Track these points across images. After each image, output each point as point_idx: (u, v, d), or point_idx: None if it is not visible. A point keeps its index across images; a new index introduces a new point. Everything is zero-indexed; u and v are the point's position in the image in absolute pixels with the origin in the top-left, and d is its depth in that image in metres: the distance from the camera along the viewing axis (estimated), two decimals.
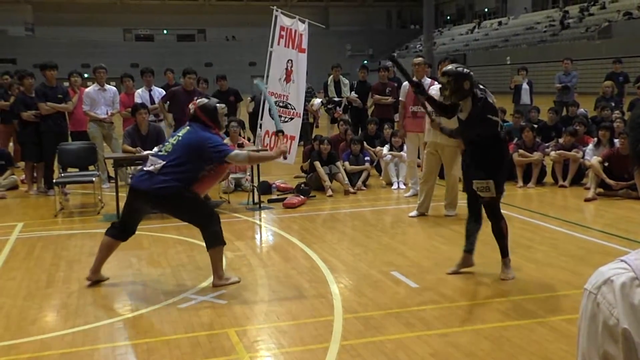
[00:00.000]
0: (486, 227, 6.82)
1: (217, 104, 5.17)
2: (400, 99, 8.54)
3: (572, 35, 38.42)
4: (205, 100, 5.22)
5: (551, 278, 5.03)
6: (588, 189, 8.34)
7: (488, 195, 4.98)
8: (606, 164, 8.24)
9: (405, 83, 8.55)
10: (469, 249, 5.24)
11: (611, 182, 8.13)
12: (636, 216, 7.21)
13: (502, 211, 5.21)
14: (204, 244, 6.23)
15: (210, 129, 5.08)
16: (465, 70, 4.96)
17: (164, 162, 4.91)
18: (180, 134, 5.10)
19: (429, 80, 8.26)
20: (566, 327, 4.01)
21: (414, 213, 7.47)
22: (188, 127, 5.11)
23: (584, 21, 39.27)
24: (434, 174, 7.53)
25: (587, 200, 8.02)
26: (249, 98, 12.41)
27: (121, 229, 5.16)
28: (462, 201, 5.97)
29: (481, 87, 4.99)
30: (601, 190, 8.23)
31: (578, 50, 33.36)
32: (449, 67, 5.03)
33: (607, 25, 35.95)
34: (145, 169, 5.01)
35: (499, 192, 5.02)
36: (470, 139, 5.08)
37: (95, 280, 5.15)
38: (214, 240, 4.99)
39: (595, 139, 9.03)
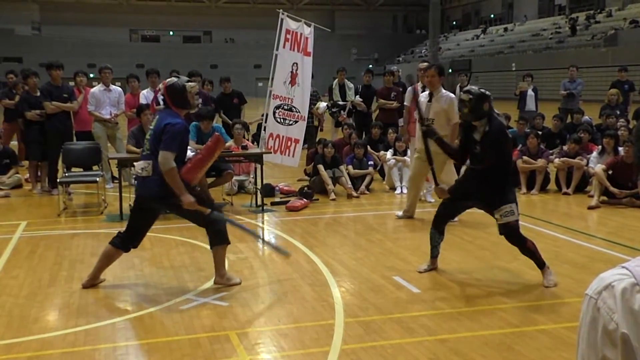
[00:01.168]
0: (484, 233, 6.83)
1: (187, 82, 4.90)
2: (405, 103, 8.55)
3: (578, 42, 38.39)
4: (174, 79, 4.94)
5: (553, 285, 5.02)
6: (592, 196, 8.32)
7: (513, 219, 4.98)
8: (610, 172, 8.22)
9: (410, 88, 8.58)
10: (435, 255, 5.46)
11: (615, 190, 8.11)
12: (639, 224, 7.20)
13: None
14: (206, 246, 6.24)
15: (178, 113, 4.85)
16: (487, 92, 5.06)
17: (151, 162, 4.81)
18: (151, 126, 4.93)
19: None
20: (568, 335, 4.00)
21: (400, 213, 7.52)
22: (157, 116, 4.93)
23: (590, 29, 39.24)
24: (421, 179, 7.53)
25: (590, 208, 8.01)
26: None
27: (125, 239, 5.04)
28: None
29: (497, 112, 5.14)
30: (605, 198, 8.21)
31: (584, 57, 33.33)
32: (472, 87, 5.14)
33: (614, 33, 35.92)
34: (138, 175, 4.92)
35: (518, 217, 5.07)
36: (483, 162, 5.05)
37: (91, 286, 5.07)
38: (218, 239, 4.96)
39: (600, 146, 9.02)
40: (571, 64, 14.90)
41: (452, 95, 7.24)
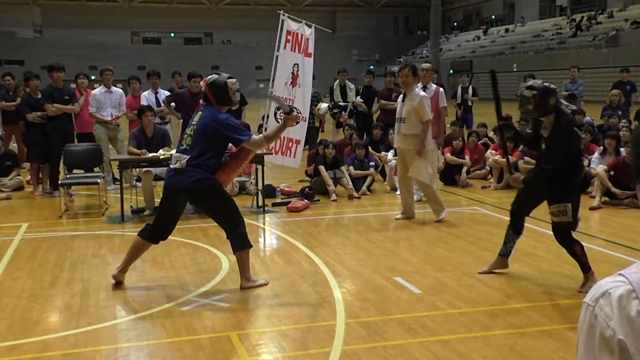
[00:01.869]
0: (486, 234, 6.81)
1: (228, 79, 4.97)
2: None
3: (579, 43, 38.36)
4: (215, 76, 5.02)
5: (556, 286, 5.02)
6: (593, 197, 8.31)
7: (565, 220, 4.82)
8: (612, 173, 8.21)
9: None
10: (504, 254, 5.27)
11: (617, 191, 8.10)
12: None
13: (508, 219, 5.24)
14: (207, 247, 6.26)
15: (220, 108, 4.93)
16: (551, 86, 4.87)
17: (188, 157, 4.84)
18: (194, 121, 4.97)
19: (435, 86, 8.29)
20: (569, 336, 3.99)
21: (399, 215, 7.53)
22: (201, 112, 4.99)
23: (591, 29, 39.21)
24: (408, 179, 7.52)
25: (592, 208, 7.99)
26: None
27: (153, 231, 5.08)
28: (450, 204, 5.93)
29: (565, 103, 4.95)
30: (607, 199, 8.20)
31: (585, 58, 33.31)
32: (534, 81, 4.96)
33: (615, 34, 35.89)
34: (172, 166, 4.97)
35: (575, 217, 4.87)
36: (550, 160, 4.88)
37: (118, 280, 5.10)
38: (241, 243, 4.97)
39: (602, 147, 9.00)
40: (572, 64, 14.91)
41: (422, 93, 7.30)
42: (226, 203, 5.00)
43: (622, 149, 8.62)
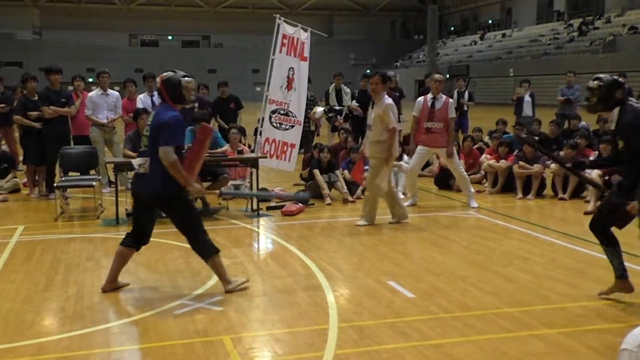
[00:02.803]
0: (480, 238, 6.83)
1: (183, 77, 4.90)
2: (413, 114, 8.63)
3: (576, 48, 38.49)
4: (171, 73, 4.96)
5: (549, 290, 5.03)
6: (588, 202, 8.34)
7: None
8: (606, 178, 8.23)
9: (421, 98, 8.66)
10: (619, 274, 4.76)
11: None
12: (635, 229, 7.19)
13: (503, 223, 5.20)
14: None
15: (174, 106, 4.88)
16: (621, 79, 4.59)
17: (149, 159, 4.85)
18: (149, 121, 4.96)
19: (444, 97, 8.41)
20: (563, 340, 4.01)
21: (392, 220, 7.59)
22: (154, 112, 4.98)
23: (588, 34, 39.35)
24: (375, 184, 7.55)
25: (587, 213, 8.01)
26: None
27: (133, 237, 5.07)
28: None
29: (635, 101, 4.63)
30: None
31: (582, 63, 33.40)
32: (603, 74, 4.66)
33: (612, 39, 36.03)
34: (136, 172, 4.94)
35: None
36: (628, 154, 4.53)
37: (112, 289, 5.08)
38: (208, 250, 4.97)
39: (597, 152, 9.03)
40: (569, 69, 14.94)
41: (388, 100, 7.35)
42: (188, 211, 4.96)
43: None
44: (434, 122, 8.39)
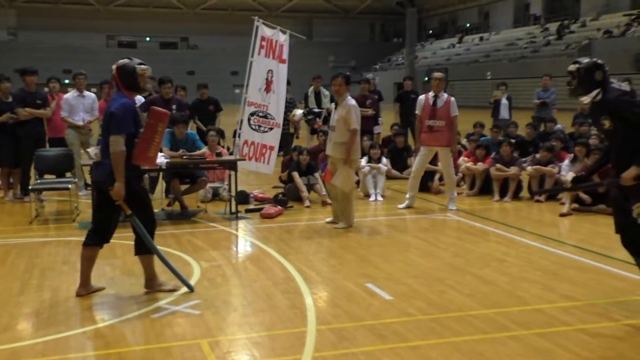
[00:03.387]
0: (457, 240, 6.88)
1: (138, 65, 4.88)
2: (416, 112, 8.67)
3: (552, 52, 38.97)
4: (126, 60, 4.93)
5: (525, 292, 5.08)
6: (563, 204, 8.44)
7: None
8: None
9: (422, 96, 8.69)
10: None
11: (585, 197, 8.23)
12: (610, 232, 7.27)
13: (480, 225, 5.19)
14: (179, 254, 6.23)
15: (128, 94, 4.88)
16: (600, 61, 4.42)
17: (101, 147, 4.85)
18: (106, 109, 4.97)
19: (446, 95, 8.44)
20: (538, 342, 4.05)
21: (329, 219, 7.67)
22: (114, 96, 4.94)
23: (564, 38, 39.88)
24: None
25: (562, 215, 8.12)
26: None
27: (94, 234, 5.00)
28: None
29: (618, 83, 4.41)
30: (576, 205, 8.34)
31: (558, 66, 33.75)
32: (582, 58, 4.50)
33: (587, 43, 36.53)
34: (93, 153, 4.94)
35: None
36: (618, 148, 4.31)
37: (87, 293, 4.99)
38: (142, 248, 4.97)
39: (572, 154, 9.15)
40: (545, 73, 15.12)
41: (351, 102, 7.41)
42: (138, 203, 4.89)
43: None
44: (435, 120, 8.42)
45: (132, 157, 4.84)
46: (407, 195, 8.71)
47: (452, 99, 8.54)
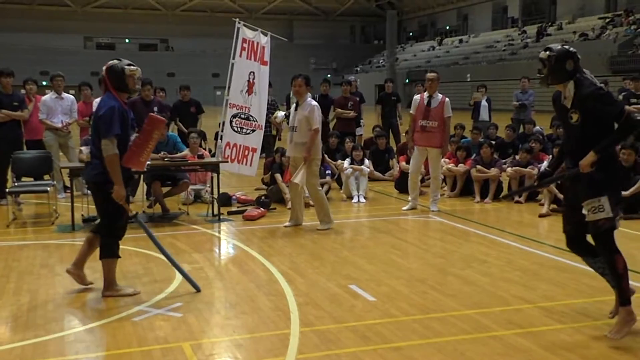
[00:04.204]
0: (439, 241, 6.91)
1: (127, 66, 4.91)
2: (410, 112, 8.69)
3: (530, 54, 39.42)
4: (115, 61, 4.98)
5: (505, 292, 5.12)
6: (542, 204, 8.53)
7: (603, 216, 4.01)
8: (559, 182, 8.43)
9: (417, 96, 8.71)
10: (614, 285, 4.21)
11: (563, 197, 8.32)
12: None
13: (461, 226, 5.22)
14: (160, 256, 6.17)
15: (117, 97, 4.89)
16: (572, 49, 4.25)
17: (90, 147, 4.91)
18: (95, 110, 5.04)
19: (441, 96, 8.46)
20: (519, 342, 4.09)
21: (288, 223, 7.66)
22: (103, 98, 4.99)
23: (541, 41, 40.37)
24: (297, 186, 7.58)
25: (541, 215, 8.21)
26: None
27: (98, 226, 5.19)
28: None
29: (590, 76, 4.26)
30: (555, 206, 8.42)
31: (536, 69, 34.15)
32: (555, 44, 4.33)
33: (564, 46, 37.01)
34: (86, 152, 5.08)
35: (615, 215, 4.06)
36: (579, 139, 4.15)
37: (77, 275, 5.12)
38: (105, 251, 4.99)
39: (550, 156, 9.25)
40: (523, 75, 15.28)
41: (313, 102, 7.50)
42: (112, 207, 4.89)
43: None
44: (429, 120, 8.43)
45: (123, 160, 4.88)
46: (410, 197, 8.74)
47: (447, 100, 8.53)
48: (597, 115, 4.08)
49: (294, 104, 7.59)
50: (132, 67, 4.93)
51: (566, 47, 4.27)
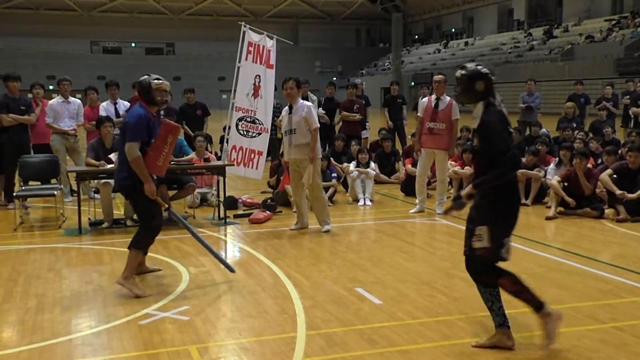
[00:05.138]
0: (445, 244, 6.90)
1: (154, 80, 5.23)
2: (418, 114, 8.69)
3: (536, 56, 39.35)
4: (145, 76, 5.31)
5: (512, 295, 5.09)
6: (549, 207, 8.50)
7: (479, 245, 3.98)
8: (565, 184, 8.41)
9: (425, 99, 8.71)
10: (497, 323, 4.05)
11: (569, 200, 8.30)
12: (595, 234, 7.38)
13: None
14: (167, 259, 6.21)
15: (148, 107, 5.25)
16: (484, 70, 4.20)
17: (118, 153, 5.36)
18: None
19: (448, 98, 8.46)
20: (525, 344, 4.07)
21: (294, 226, 7.68)
22: (132, 110, 5.41)
23: (547, 43, 40.28)
24: (302, 189, 7.65)
25: (548, 218, 8.18)
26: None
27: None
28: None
29: (498, 102, 4.19)
30: (562, 209, 8.40)
31: (541, 71, 34.16)
32: (471, 63, 4.35)
33: (570, 48, 36.94)
34: (115, 158, 5.54)
35: (495, 246, 3.96)
36: (481, 164, 4.11)
37: (143, 271, 5.63)
38: (137, 243, 5.26)
39: (557, 158, 9.23)
40: (529, 77, 15.26)
41: (308, 103, 7.59)
42: (144, 208, 5.29)
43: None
44: (436, 122, 8.42)
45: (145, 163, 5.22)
46: (417, 200, 8.72)
47: (454, 102, 8.50)
48: (485, 147, 4.01)
49: (287, 107, 7.62)
50: (158, 81, 5.25)
51: (480, 67, 4.20)
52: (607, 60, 32.29)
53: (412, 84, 46.53)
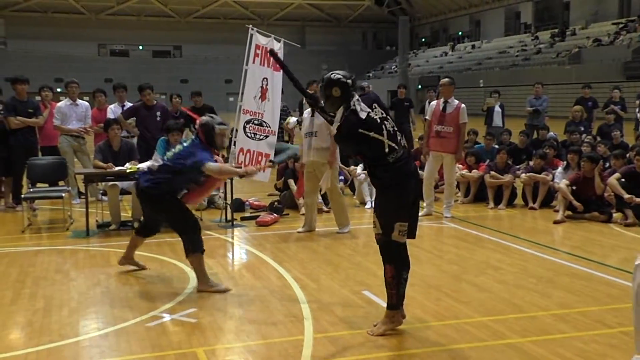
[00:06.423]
0: (453, 247, 6.88)
1: (217, 124, 5.33)
2: (426, 117, 8.68)
3: (543, 60, 39.23)
4: (208, 118, 5.43)
5: (520, 299, 5.08)
6: (557, 211, 8.47)
7: (375, 231, 4.41)
8: (574, 187, 8.38)
9: (433, 102, 8.70)
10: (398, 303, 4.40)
11: (577, 204, 8.26)
12: (603, 239, 7.34)
13: (475, 233, 5.16)
14: (174, 262, 6.22)
15: (209, 147, 5.35)
16: (337, 76, 4.30)
17: (162, 163, 5.36)
18: (185, 144, 5.45)
19: (457, 101, 8.46)
20: (534, 349, 4.05)
21: (301, 229, 7.66)
22: (192, 140, 5.43)
23: (555, 46, 40.18)
24: (315, 192, 7.74)
25: (556, 222, 8.14)
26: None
27: (142, 226, 5.87)
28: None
29: (361, 105, 4.27)
30: (570, 212, 8.36)
31: (549, 74, 34.04)
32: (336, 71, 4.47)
33: (577, 51, 36.81)
34: (146, 165, 5.57)
35: (386, 232, 4.33)
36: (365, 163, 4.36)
37: (127, 263, 5.81)
38: (191, 246, 5.27)
39: (565, 162, 9.19)
40: (537, 81, 15.20)
41: None
42: (173, 211, 5.37)
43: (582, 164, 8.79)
44: (444, 125, 8.43)
45: (186, 197, 5.46)
46: (425, 203, 8.70)
47: (463, 105, 8.51)
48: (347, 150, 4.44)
49: (309, 109, 7.60)
50: (222, 126, 5.36)
51: (338, 75, 4.32)
52: (615, 63, 32.16)
53: (419, 87, 46.45)
